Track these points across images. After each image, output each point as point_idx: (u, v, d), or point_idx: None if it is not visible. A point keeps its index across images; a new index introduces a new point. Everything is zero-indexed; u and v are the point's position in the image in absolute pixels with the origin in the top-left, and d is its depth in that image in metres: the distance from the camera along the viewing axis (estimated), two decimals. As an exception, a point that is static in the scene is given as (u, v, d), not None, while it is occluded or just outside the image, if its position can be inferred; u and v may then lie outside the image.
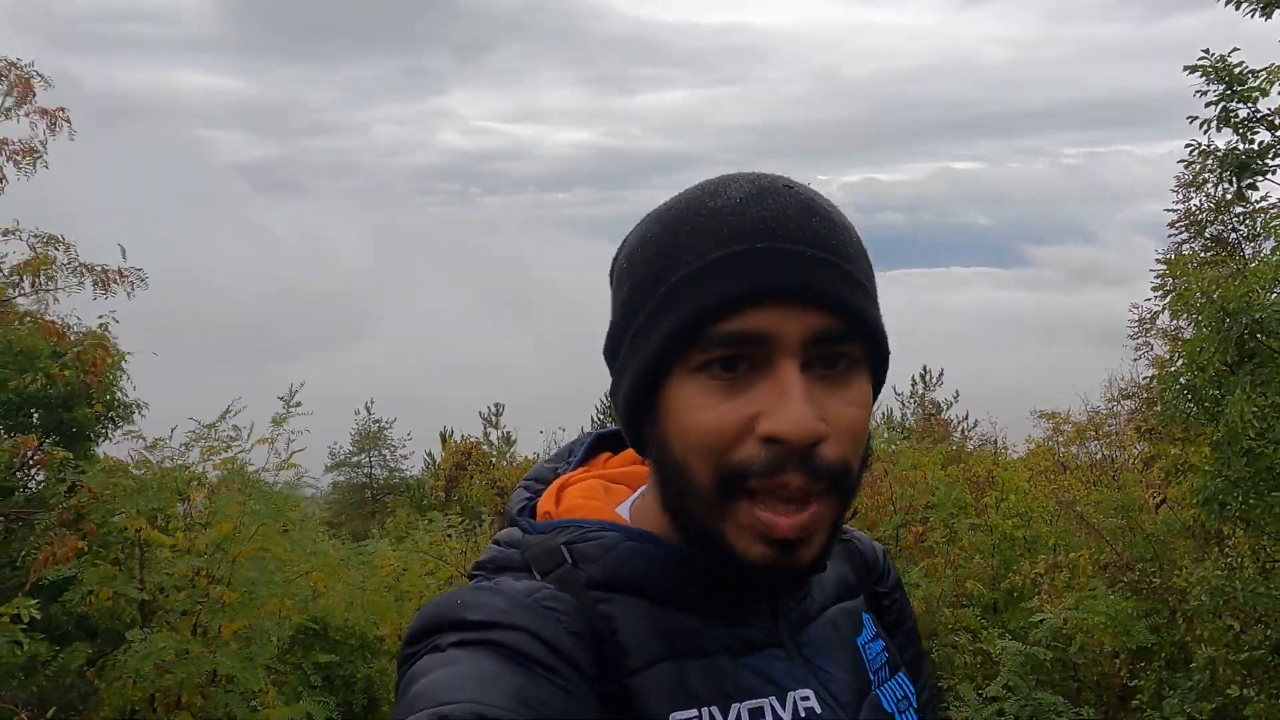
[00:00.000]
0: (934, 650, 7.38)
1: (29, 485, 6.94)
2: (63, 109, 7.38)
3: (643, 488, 0.87)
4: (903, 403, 21.64)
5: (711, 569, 0.77)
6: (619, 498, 0.88)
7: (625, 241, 0.82)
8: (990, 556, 8.57)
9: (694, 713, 0.72)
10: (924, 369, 23.70)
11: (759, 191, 0.74)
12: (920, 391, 23.08)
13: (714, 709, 0.73)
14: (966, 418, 20.28)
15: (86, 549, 5.44)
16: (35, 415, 7.05)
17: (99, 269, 7.19)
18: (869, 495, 8.59)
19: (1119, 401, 11.84)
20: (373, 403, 26.97)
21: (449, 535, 8.03)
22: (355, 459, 26.69)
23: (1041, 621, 6.45)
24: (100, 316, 7.00)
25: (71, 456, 6.20)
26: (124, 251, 7.20)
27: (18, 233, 7.19)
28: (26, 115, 7.23)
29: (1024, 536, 8.87)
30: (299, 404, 6.11)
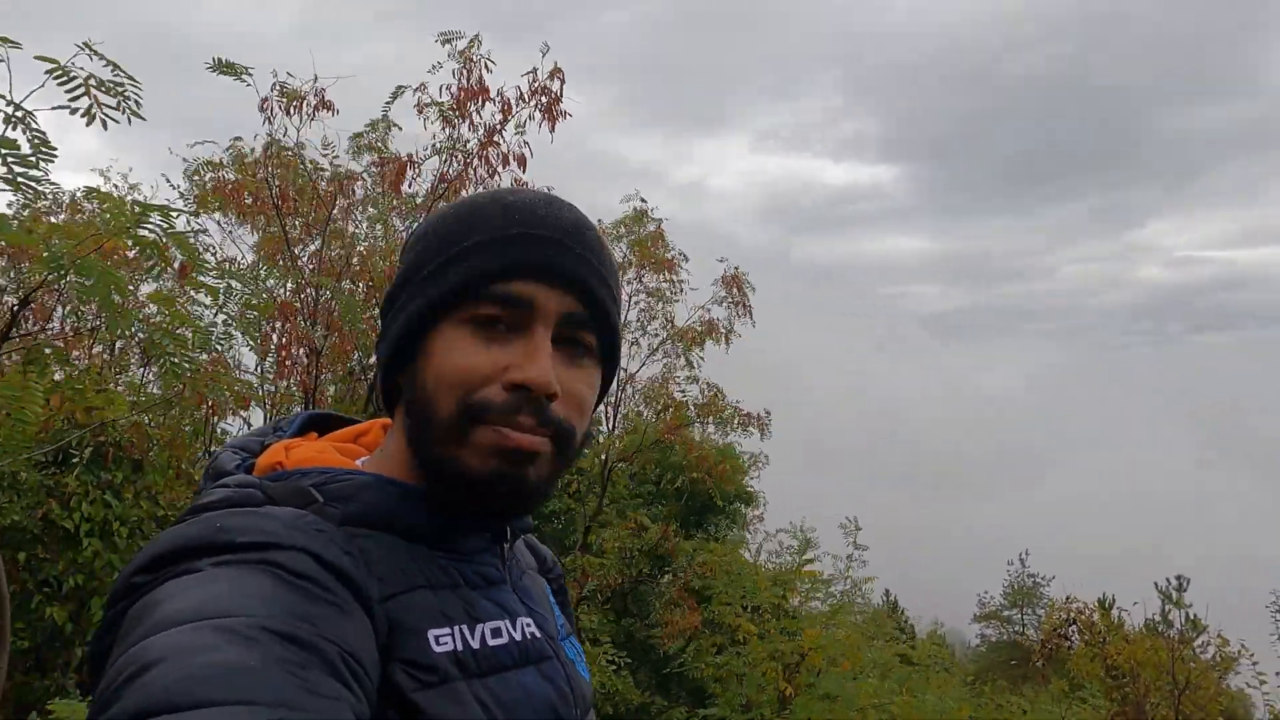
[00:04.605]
0: None
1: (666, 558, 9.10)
2: (745, 300, 9.71)
3: (379, 450, 0.94)
4: None
5: (451, 506, 0.85)
6: (350, 459, 0.93)
7: (421, 222, 0.95)
8: None
9: (448, 630, 0.79)
10: None
11: (551, 200, 0.89)
12: None
13: (463, 627, 0.81)
14: None
15: (699, 629, 7.08)
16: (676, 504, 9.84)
17: (744, 411, 9.27)
18: None
19: None
20: (1027, 554, 25.49)
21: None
22: (1005, 613, 25.36)
23: None
24: (728, 442, 9.54)
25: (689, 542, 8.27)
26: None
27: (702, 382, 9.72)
28: (731, 305, 9.77)
29: None
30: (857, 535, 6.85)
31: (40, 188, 3.28)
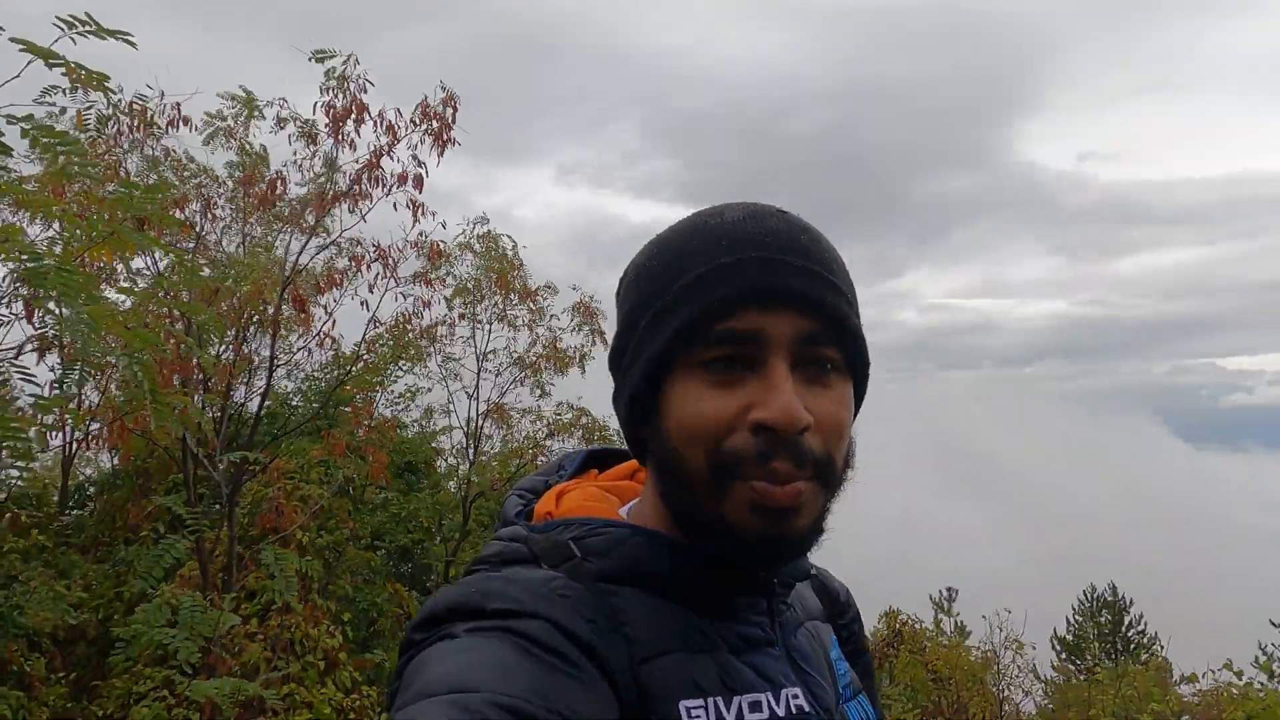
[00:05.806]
0: None
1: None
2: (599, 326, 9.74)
3: (640, 497, 0.91)
4: None
5: (711, 560, 0.80)
6: (617, 504, 0.91)
7: (631, 262, 0.88)
8: None
9: (700, 703, 0.74)
10: None
11: (754, 213, 0.81)
12: None
13: (719, 700, 0.75)
14: None
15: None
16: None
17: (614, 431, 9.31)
18: None
19: None
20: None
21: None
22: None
23: None
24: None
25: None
26: None
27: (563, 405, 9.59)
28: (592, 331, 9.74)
29: None
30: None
31: None
